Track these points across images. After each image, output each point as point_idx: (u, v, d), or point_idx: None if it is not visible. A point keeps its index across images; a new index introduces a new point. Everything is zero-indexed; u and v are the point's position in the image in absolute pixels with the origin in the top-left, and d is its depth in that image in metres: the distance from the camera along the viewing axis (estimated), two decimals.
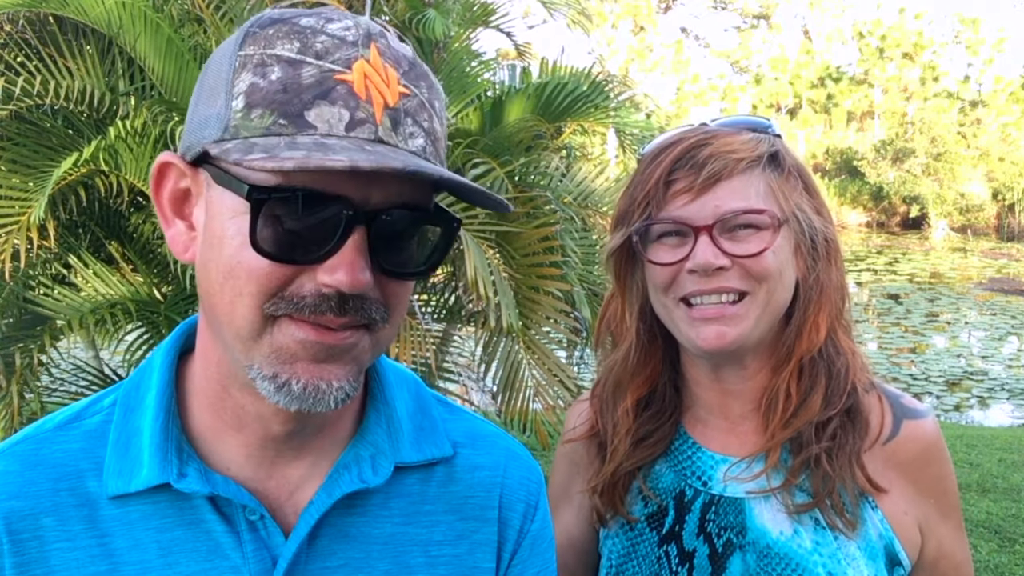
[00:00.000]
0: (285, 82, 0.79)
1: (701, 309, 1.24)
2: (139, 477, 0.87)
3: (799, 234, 1.28)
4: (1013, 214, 33.62)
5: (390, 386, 0.99)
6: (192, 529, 0.87)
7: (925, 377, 11.70)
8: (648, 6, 44.58)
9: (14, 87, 4.01)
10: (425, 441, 0.99)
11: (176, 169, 0.87)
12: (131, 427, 0.90)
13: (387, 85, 0.81)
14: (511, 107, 5.03)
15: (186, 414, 0.92)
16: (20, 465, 0.89)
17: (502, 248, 4.50)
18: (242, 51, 0.82)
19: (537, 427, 4.60)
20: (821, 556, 1.23)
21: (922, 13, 41.73)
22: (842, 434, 1.26)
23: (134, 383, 0.94)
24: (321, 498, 0.90)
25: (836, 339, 1.31)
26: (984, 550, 5.12)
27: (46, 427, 0.93)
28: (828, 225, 1.32)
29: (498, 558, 1.01)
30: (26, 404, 3.89)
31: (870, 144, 37.04)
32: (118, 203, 4.48)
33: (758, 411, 1.32)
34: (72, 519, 0.87)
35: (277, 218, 0.78)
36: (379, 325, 0.84)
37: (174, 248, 0.89)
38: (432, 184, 0.84)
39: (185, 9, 4.76)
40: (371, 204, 0.79)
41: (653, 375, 1.38)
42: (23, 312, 4.38)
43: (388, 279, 0.84)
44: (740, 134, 1.28)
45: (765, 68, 45.86)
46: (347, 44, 0.81)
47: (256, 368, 0.81)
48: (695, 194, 1.23)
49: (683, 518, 1.33)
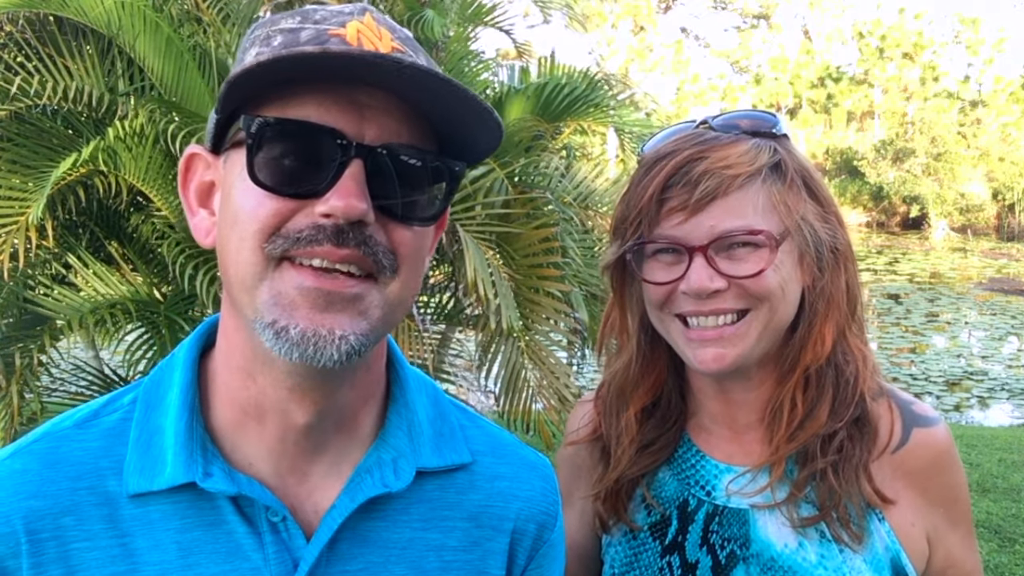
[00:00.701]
0: (286, 43, 0.83)
1: (699, 331, 1.20)
2: (163, 476, 0.86)
3: (803, 245, 1.22)
4: (1013, 214, 33.62)
5: (411, 389, 0.98)
6: (213, 530, 0.87)
7: (925, 377, 11.70)
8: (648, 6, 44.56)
9: (13, 87, 4.01)
10: (445, 447, 0.99)
11: (202, 160, 0.91)
12: (153, 425, 0.90)
13: (379, 39, 0.84)
14: (510, 107, 5.03)
15: (208, 411, 0.92)
16: (39, 463, 0.88)
17: (502, 249, 4.49)
18: (251, 35, 0.88)
19: (541, 427, 4.60)
20: (826, 570, 1.20)
21: (922, 13, 41.73)
22: (849, 446, 1.22)
23: (155, 380, 0.94)
24: (344, 502, 0.90)
25: (845, 345, 1.26)
26: (984, 550, 5.12)
27: (64, 424, 0.92)
28: (837, 231, 1.26)
29: (509, 568, 1.00)
30: (26, 404, 3.89)
31: (870, 144, 37.04)
32: (117, 203, 4.48)
33: (763, 421, 1.29)
34: (92, 518, 0.86)
35: (273, 151, 0.80)
36: (386, 275, 0.83)
37: (197, 235, 0.92)
38: (430, 122, 0.85)
39: (185, 9, 4.76)
40: (367, 139, 0.81)
41: (657, 383, 1.35)
42: (23, 312, 4.38)
43: (392, 223, 0.84)
44: (739, 142, 1.22)
45: (765, 68, 45.84)
46: (344, 14, 0.85)
47: (258, 318, 0.81)
48: (689, 213, 1.18)
49: (686, 528, 1.30)
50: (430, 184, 0.86)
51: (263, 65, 0.76)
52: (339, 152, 0.80)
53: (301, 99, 0.81)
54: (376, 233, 0.82)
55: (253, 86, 0.80)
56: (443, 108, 0.83)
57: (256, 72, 0.77)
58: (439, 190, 0.88)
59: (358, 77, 0.80)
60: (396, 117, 0.83)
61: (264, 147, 0.80)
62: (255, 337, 0.83)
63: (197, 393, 0.91)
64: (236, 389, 0.89)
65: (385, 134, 0.82)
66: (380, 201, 0.82)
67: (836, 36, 46.20)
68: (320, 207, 0.79)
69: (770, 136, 1.26)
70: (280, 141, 0.81)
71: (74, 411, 0.94)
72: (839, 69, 43.55)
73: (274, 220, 0.80)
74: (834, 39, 46.13)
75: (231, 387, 0.90)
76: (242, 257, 0.82)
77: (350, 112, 0.81)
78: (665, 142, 1.28)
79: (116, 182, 4.03)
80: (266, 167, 0.80)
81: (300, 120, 0.80)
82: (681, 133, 1.28)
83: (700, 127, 1.27)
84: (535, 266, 4.50)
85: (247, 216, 0.81)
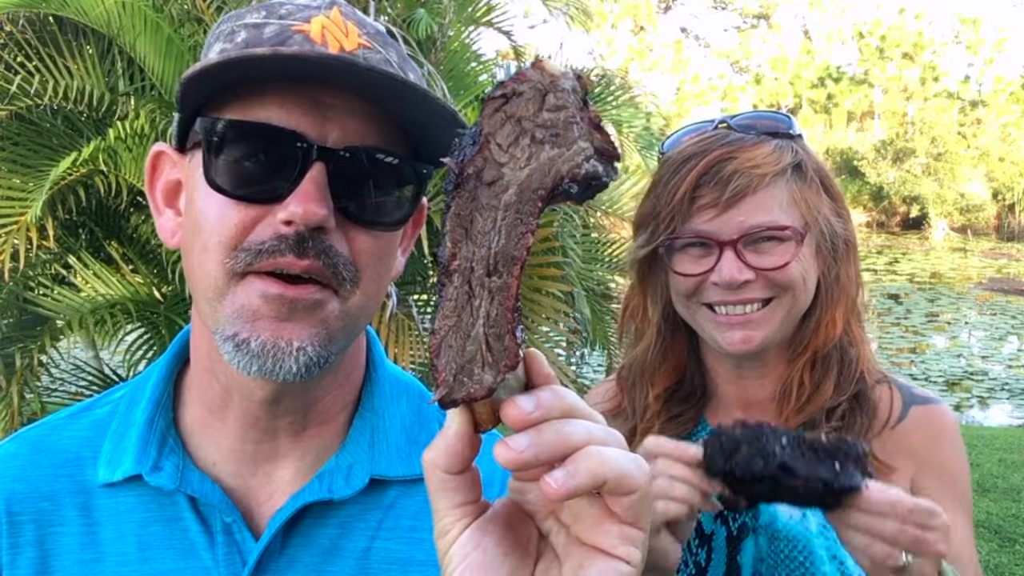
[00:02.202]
0: (248, 40, 0.81)
1: (727, 316, 1.30)
2: (122, 467, 0.88)
3: (820, 238, 1.33)
4: (1013, 214, 33.63)
5: (383, 395, 0.96)
6: (170, 526, 0.87)
7: (925, 377, 11.70)
8: (648, 6, 44.59)
9: (13, 87, 4.01)
10: (418, 455, 0.94)
11: (168, 159, 0.90)
12: (130, 419, 0.91)
13: (345, 35, 0.82)
14: None
15: (181, 408, 0.92)
16: (29, 449, 0.91)
17: None
18: (216, 29, 0.86)
19: None
20: (827, 540, 1.28)
21: (922, 13, 41.77)
22: (850, 416, 1.32)
23: (144, 377, 0.95)
24: (288, 506, 0.88)
25: (851, 331, 1.37)
26: (984, 550, 5.12)
27: (61, 415, 0.95)
28: (847, 224, 1.38)
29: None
30: (26, 404, 3.89)
31: (870, 144, 37.06)
32: (117, 203, 4.48)
33: (774, 399, 1.38)
34: (67, 505, 0.88)
35: (232, 154, 0.79)
36: (347, 288, 0.81)
37: (163, 235, 0.91)
38: (399, 125, 0.83)
39: (185, 9, 4.75)
40: (329, 141, 0.79)
41: (679, 366, 1.44)
42: (23, 312, 4.38)
43: (354, 229, 0.82)
44: (764, 144, 1.31)
45: (765, 68, 45.87)
46: (310, 8, 0.83)
47: (219, 329, 0.80)
48: (720, 210, 1.27)
49: None
50: (396, 187, 0.84)
51: (208, 70, 0.75)
52: (299, 155, 0.77)
53: (262, 99, 0.79)
54: (337, 243, 0.80)
55: (210, 86, 0.79)
56: (407, 109, 0.81)
57: (211, 71, 0.75)
58: (406, 192, 0.85)
59: (316, 78, 0.77)
60: (361, 118, 0.80)
61: (222, 150, 0.78)
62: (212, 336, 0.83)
63: (170, 390, 0.92)
64: (203, 385, 0.89)
65: (348, 136, 0.80)
66: (343, 205, 0.80)
67: (836, 36, 46.23)
68: (280, 213, 0.77)
69: (787, 136, 1.36)
70: (238, 144, 0.78)
71: (77, 404, 0.97)
72: (839, 69, 43.58)
73: (236, 232, 0.78)
74: (834, 39, 46.16)
75: (200, 384, 0.90)
76: (205, 270, 0.80)
77: (312, 113, 0.78)
78: (687, 142, 1.35)
79: (116, 182, 4.03)
80: (225, 171, 0.78)
81: (258, 122, 0.78)
82: (703, 134, 1.36)
83: (720, 127, 1.36)
84: (536, 266, 4.50)
85: (210, 227, 0.79)
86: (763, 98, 42.93)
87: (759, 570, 1.31)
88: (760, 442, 1.00)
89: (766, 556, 1.31)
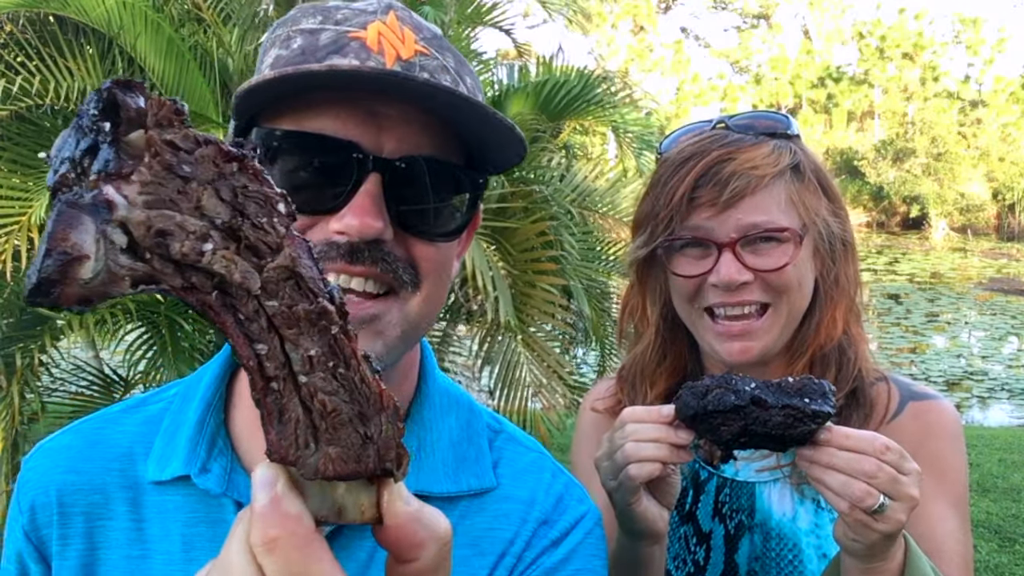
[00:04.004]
0: (304, 47, 0.81)
1: (727, 325, 1.30)
2: (171, 467, 0.87)
3: (818, 238, 1.33)
4: (1013, 214, 33.64)
5: (432, 407, 0.95)
6: (214, 528, 0.87)
7: (925, 377, 11.70)
8: (648, 6, 44.60)
9: (14, 87, 4.02)
10: (466, 472, 0.93)
11: None
12: (181, 417, 0.91)
13: (402, 42, 0.81)
14: (510, 105, 5.03)
15: (232, 410, 0.92)
16: (82, 442, 0.91)
17: (499, 244, 4.49)
18: (272, 34, 0.85)
19: (537, 425, 4.60)
20: (817, 538, 1.29)
21: (922, 13, 41.78)
22: (846, 411, 1.32)
23: (198, 375, 0.95)
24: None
25: (849, 330, 1.37)
26: (984, 550, 5.13)
27: (114, 409, 0.95)
28: (845, 224, 1.38)
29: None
30: (26, 404, 3.89)
31: (870, 144, 37.07)
32: None
33: None
34: (117, 499, 0.88)
35: (286, 165, 0.78)
36: (408, 290, 0.81)
37: None
38: (454, 132, 0.82)
39: (185, 9, 4.76)
40: (385, 151, 0.78)
41: (679, 366, 1.45)
42: (23, 312, 4.38)
43: (413, 239, 0.81)
44: (762, 144, 1.31)
45: (765, 68, 45.88)
46: (366, 13, 0.83)
47: None
48: (719, 210, 1.27)
49: (699, 498, 1.40)
50: (452, 196, 0.84)
51: (259, 86, 0.75)
52: (355, 166, 0.77)
53: (318, 110, 0.78)
54: (395, 248, 0.79)
55: (265, 97, 0.78)
56: (463, 119, 0.81)
57: (263, 86, 0.76)
58: (463, 201, 0.85)
59: (372, 89, 0.77)
60: (416, 128, 0.80)
61: (277, 161, 0.78)
62: None
63: (223, 391, 0.91)
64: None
65: (404, 146, 0.79)
66: (400, 218, 0.79)
67: (836, 36, 46.24)
68: (334, 224, 0.77)
69: (785, 137, 1.36)
70: (294, 154, 0.78)
71: (131, 398, 0.97)
72: (839, 69, 43.60)
73: None
74: (834, 39, 46.16)
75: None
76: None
77: (367, 123, 0.78)
78: (686, 142, 1.35)
79: None
80: (280, 181, 0.77)
81: (313, 133, 0.78)
82: (701, 133, 1.35)
83: (718, 128, 1.36)
84: (533, 261, 4.50)
85: None
86: (763, 98, 42.94)
87: (754, 567, 1.33)
88: (731, 384, 1.03)
89: (760, 554, 1.32)
